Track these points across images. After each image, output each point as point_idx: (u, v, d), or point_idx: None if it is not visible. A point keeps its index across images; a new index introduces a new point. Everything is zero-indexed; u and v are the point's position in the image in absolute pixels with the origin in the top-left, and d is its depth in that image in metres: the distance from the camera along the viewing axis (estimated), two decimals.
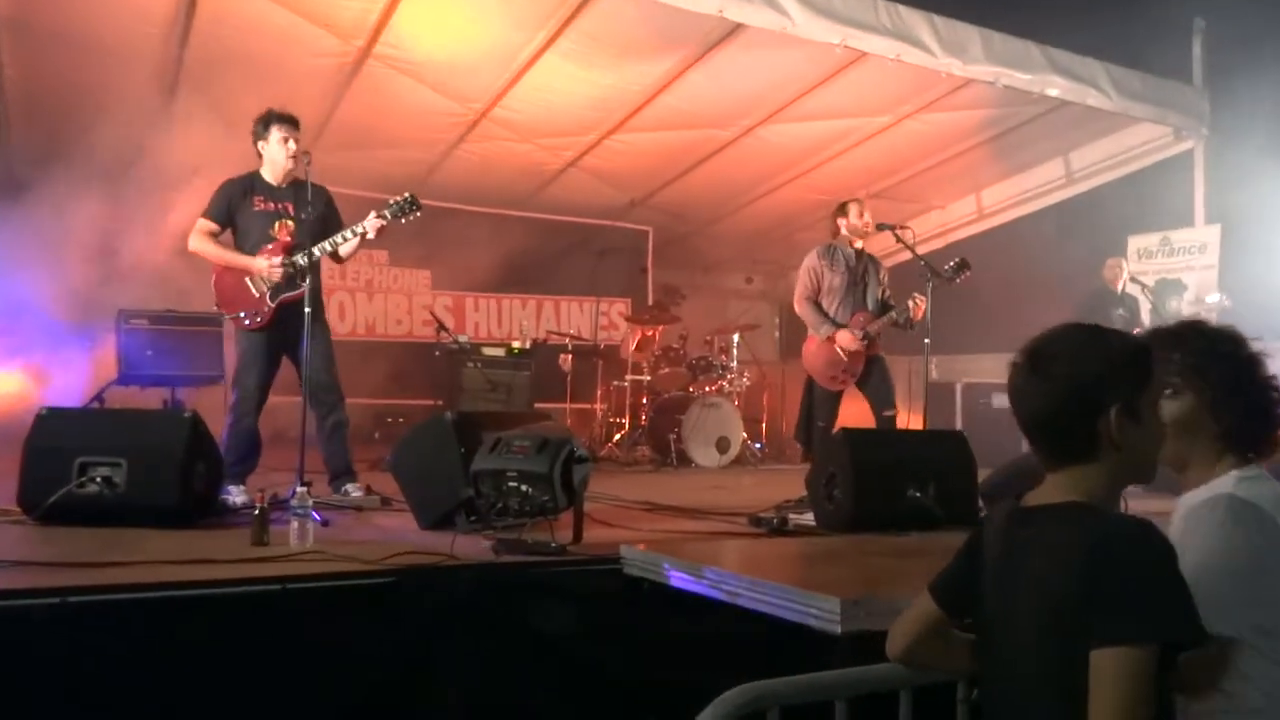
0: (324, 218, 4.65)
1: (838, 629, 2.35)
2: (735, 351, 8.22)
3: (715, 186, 9.73)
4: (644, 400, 7.83)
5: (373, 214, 4.59)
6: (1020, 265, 8.67)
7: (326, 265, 4.92)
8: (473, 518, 3.47)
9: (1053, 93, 7.75)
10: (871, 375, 5.27)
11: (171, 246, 7.17)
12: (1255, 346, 2.10)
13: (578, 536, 3.42)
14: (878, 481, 3.91)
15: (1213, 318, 7.94)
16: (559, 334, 8.53)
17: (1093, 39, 8.04)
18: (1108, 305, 7.40)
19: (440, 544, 3.35)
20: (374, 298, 8.90)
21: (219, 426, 4.41)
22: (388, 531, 3.84)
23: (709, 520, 4.39)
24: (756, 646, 3.04)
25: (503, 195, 9.48)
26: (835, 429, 5.39)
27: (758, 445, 8.44)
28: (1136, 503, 4.74)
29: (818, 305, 5.35)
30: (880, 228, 5.40)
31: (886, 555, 3.28)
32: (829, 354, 5.25)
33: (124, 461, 3.57)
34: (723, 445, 7.56)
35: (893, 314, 5.23)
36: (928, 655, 1.78)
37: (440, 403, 7.33)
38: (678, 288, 10.32)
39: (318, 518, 3.47)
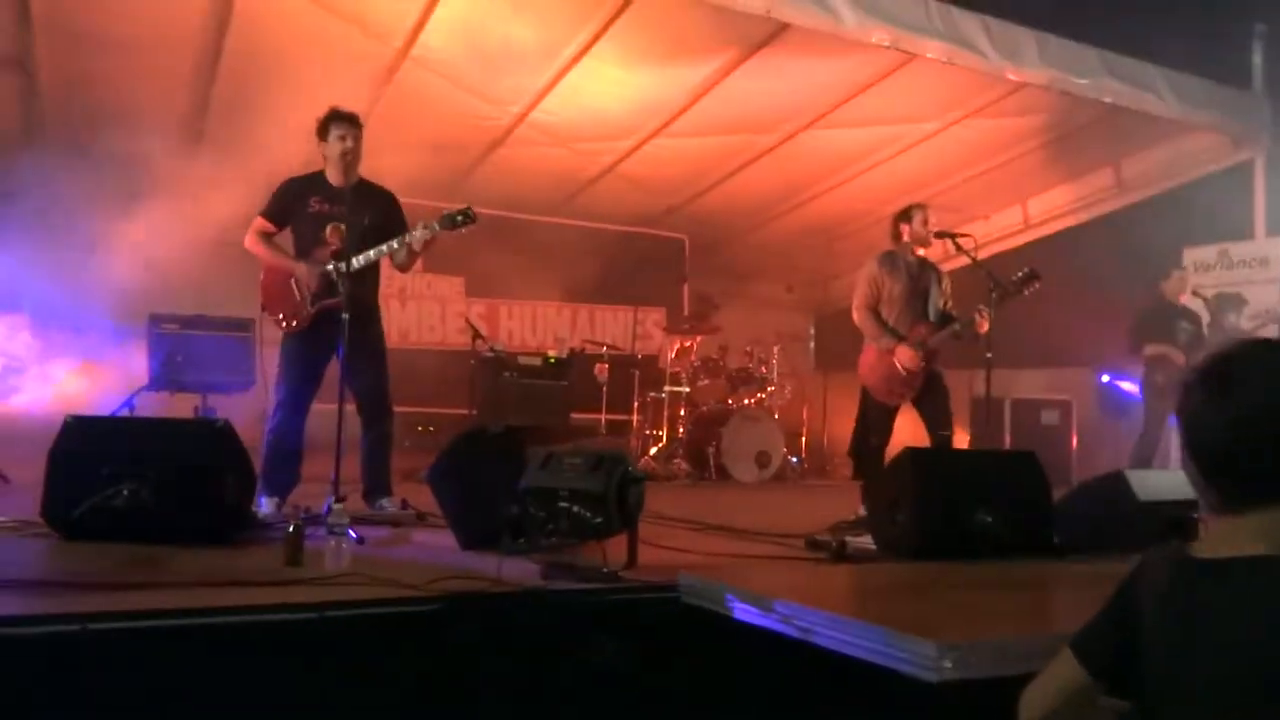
0: (384, 223, 4.45)
1: (934, 677, 2.11)
2: (775, 363, 7.98)
3: (753, 194, 9.51)
4: (681, 412, 7.60)
5: (420, 225, 4.41)
6: (1071, 278, 8.35)
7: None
8: (521, 539, 3.26)
9: (1109, 99, 7.49)
10: (929, 393, 5.01)
11: (206, 248, 7.07)
12: None
13: (632, 561, 3.20)
14: (945, 505, 3.66)
15: (1273, 333, 7.62)
16: (596, 344, 8.32)
17: (1149, 44, 7.76)
18: (1171, 318, 7.11)
19: (484, 566, 3.15)
20: (407, 305, 8.73)
21: (250, 435, 4.24)
22: (427, 551, 3.64)
23: (762, 542, 4.16)
24: (825, 685, 2.82)
25: (537, 201, 9.30)
26: (890, 446, 5.18)
27: (794, 460, 8.16)
28: None
29: (878, 315, 5.11)
30: (939, 235, 5.16)
31: (970, 589, 3.03)
32: (887, 367, 5.00)
33: (152, 473, 3.39)
34: (763, 460, 7.33)
35: (955, 327, 4.98)
36: None
37: (474, 412, 7.14)
38: (711, 296, 10.09)
39: (354, 536, 3.27)
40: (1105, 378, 8.89)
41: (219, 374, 6.13)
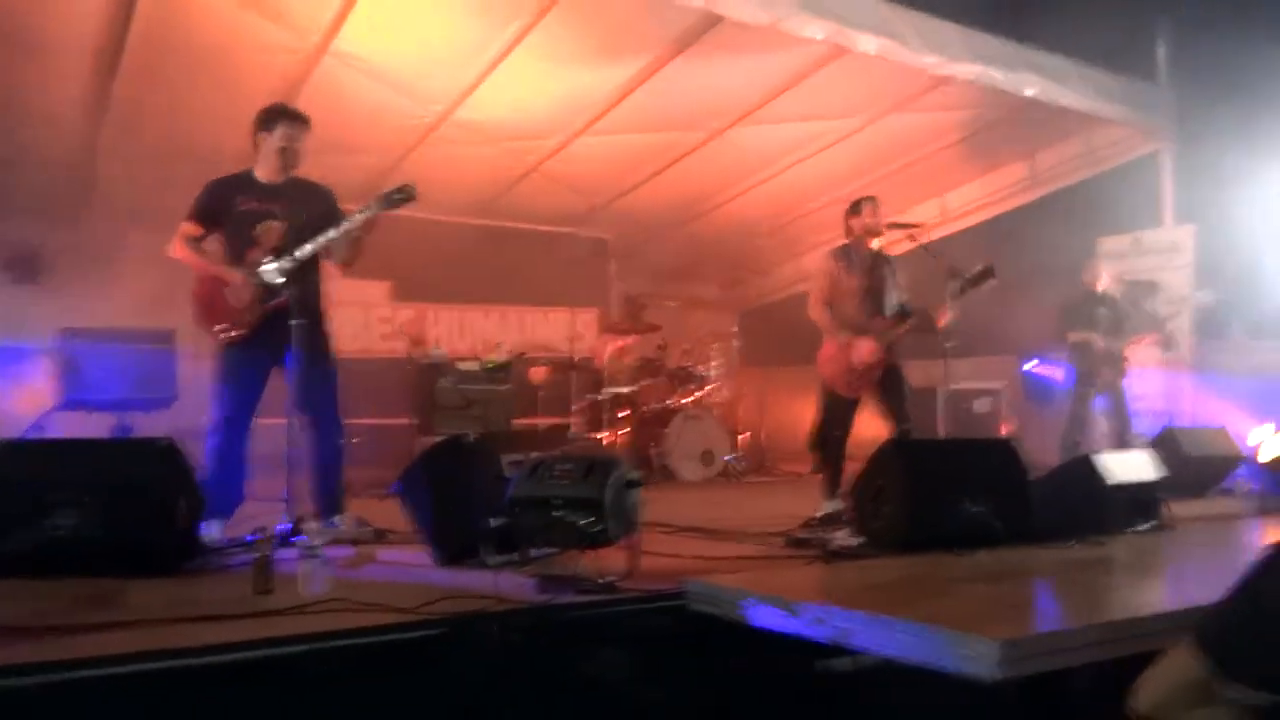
0: (324, 220, 4.19)
1: (995, 674, 2.02)
2: (713, 362, 7.91)
3: (678, 192, 9.43)
4: (621, 413, 7.45)
5: (358, 209, 4.16)
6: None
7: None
8: (513, 551, 3.07)
9: (1029, 92, 7.65)
10: (889, 386, 4.99)
11: (112, 256, 6.62)
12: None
13: (634, 569, 3.04)
14: (933, 496, 3.62)
15: (1187, 316, 7.91)
16: (533, 346, 8.10)
17: (1056, 39, 7.96)
18: (1091, 306, 7.29)
19: (472, 583, 2.96)
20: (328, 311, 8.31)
21: None
22: (402, 570, 3.41)
23: (740, 543, 4.05)
24: (844, 689, 2.72)
25: (460, 203, 9.02)
26: (849, 438, 5.14)
27: (726, 458, 8.00)
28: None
29: (833, 309, 5.06)
30: (893, 225, 5.15)
31: (983, 581, 2.97)
32: (847, 360, 4.96)
33: (93, 499, 3.08)
34: (707, 458, 7.25)
35: (913, 319, 4.96)
36: (1185, 714, 1.47)
37: (413, 422, 6.86)
38: (637, 297, 9.98)
39: (330, 556, 3.03)
40: (1029, 365, 9.11)
41: (138, 390, 5.71)
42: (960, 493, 3.66)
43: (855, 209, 5.21)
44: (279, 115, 4.23)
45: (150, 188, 6.56)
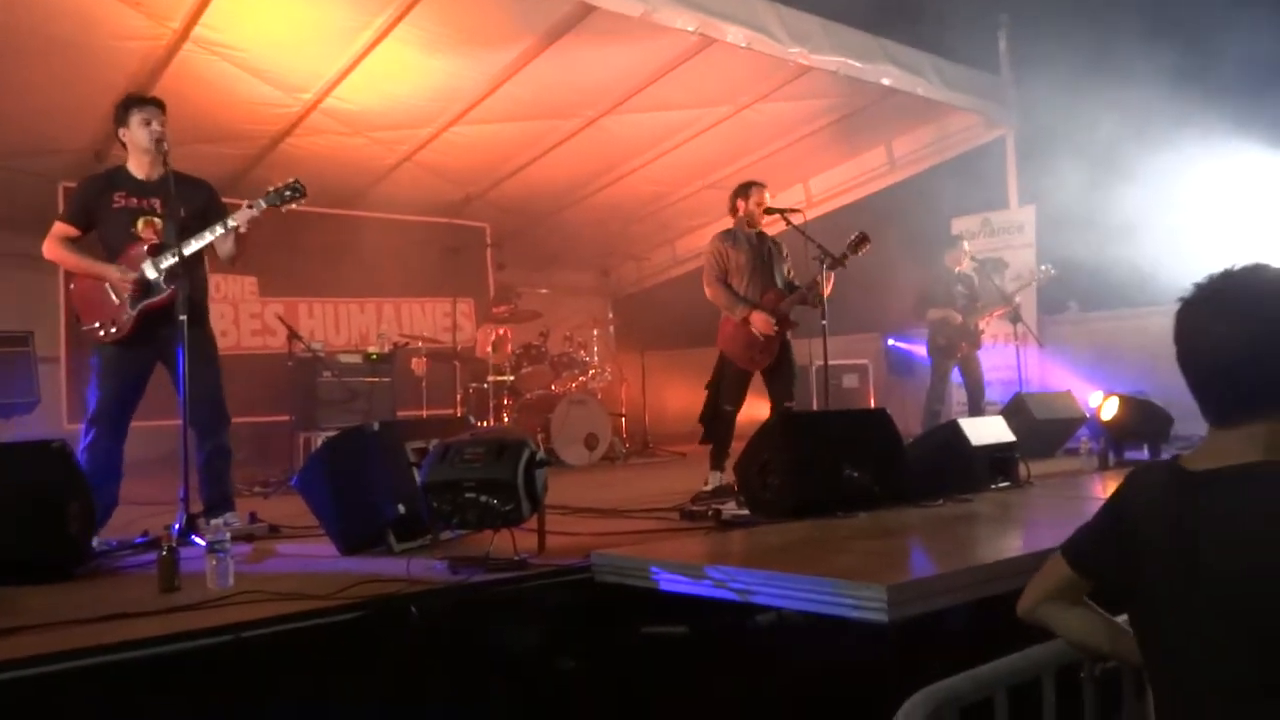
0: (204, 214, 4.11)
1: (884, 618, 2.23)
2: (595, 347, 8.04)
3: (553, 180, 9.51)
4: (505, 401, 7.51)
5: (245, 205, 4.10)
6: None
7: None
8: (418, 537, 3.12)
9: (886, 81, 8.06)
10: (779, 364, 5.24)
11: None
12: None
13: (542, 546, 3.15)
14: (816, 465, 3.86)
15: (1032, 290, 8.49)
16: (414, 337, 8.05)
17: (907, 32, 8.41)
18: (949, 283, 7.74)
19: (381, 569, 3.01)
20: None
21: None
22: (306, 561, 3.41)
23: (637, 519, 4.20)
24: (754, 646, 2.91)
25: (330, 194, 8.82)
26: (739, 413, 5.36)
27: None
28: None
29: (729, 286, 5.28)
30: (769, 211, 5.38)
31: (867, 538, 3.21)
32: (746, 334, 5.18)
33: None
34: (591, 442, 7.39)
35: (802, 291, 5.22)
36: (1061, 615, 1.68)
37: (291, 417, 6.73)
38: (512, 285, 10.00)
39: (244, 550, 3.03)
40: (890, 341, 9.62)
41: None
42: (841, 460, 3.91)
43: (743, 192, 5.42)
44: (129, 104, 4.12)
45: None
